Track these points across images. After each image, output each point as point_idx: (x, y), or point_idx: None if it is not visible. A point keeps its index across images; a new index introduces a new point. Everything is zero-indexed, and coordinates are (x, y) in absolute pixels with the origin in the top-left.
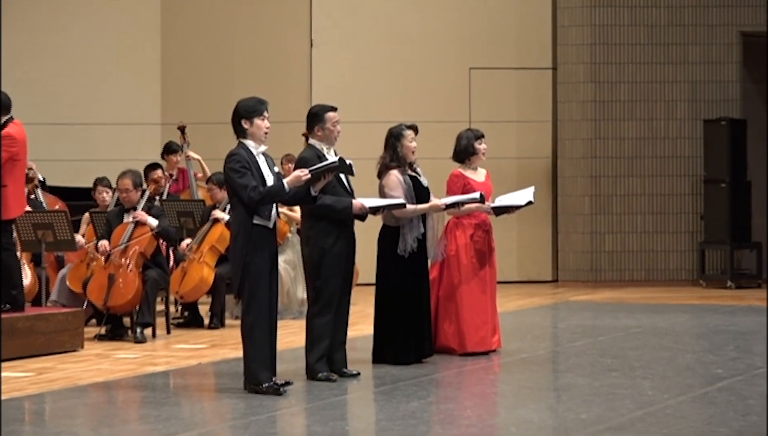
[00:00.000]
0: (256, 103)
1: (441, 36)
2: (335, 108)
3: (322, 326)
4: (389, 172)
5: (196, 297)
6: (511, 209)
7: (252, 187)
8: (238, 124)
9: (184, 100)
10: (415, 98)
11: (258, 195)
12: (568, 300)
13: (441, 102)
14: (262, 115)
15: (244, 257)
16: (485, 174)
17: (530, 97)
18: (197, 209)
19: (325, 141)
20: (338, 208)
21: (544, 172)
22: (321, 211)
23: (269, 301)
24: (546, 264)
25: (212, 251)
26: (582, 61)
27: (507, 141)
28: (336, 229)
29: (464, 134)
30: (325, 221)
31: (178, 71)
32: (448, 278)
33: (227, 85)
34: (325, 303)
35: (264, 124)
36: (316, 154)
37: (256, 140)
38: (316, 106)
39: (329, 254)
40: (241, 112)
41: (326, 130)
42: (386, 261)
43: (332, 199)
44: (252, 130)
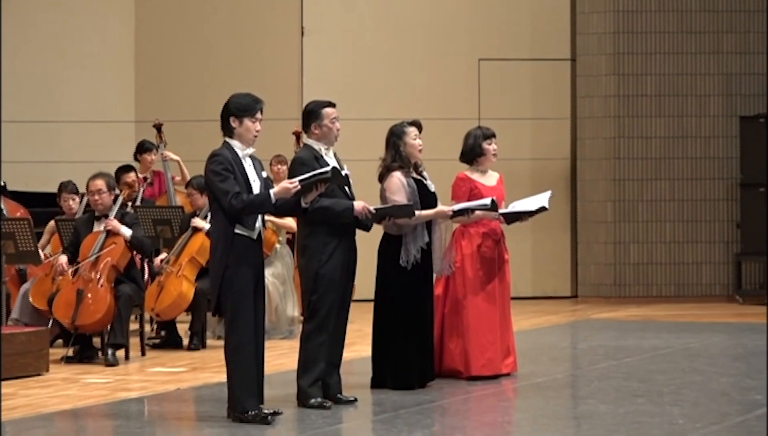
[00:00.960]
0: (250, 102)
1: (447, 23)
2: (333, 104)
3: (317, 346)
4: (391, 174)
5: (174, 315)
6: (522, 216)
7: (234, 193)
8: (226, 121)
9: (160, 95)
10: (418, 93)
11: (240, 203)
12: (589, 318)
13: (447, 97)
14: (254, 116)
15: (223, 270)
16: (497, 178)
17: (546, 92)
18: (175, 217)
19: (323, 140)
20: (337, 210)
21: (561, 175)
22: (318, 215)
23: (255, 319)
24: (564, 278)
25: (192, 263)
26: (604, 52)
27: (520, 141)
28: (335, 237)
29: (472, 133)
30: (324, 228)
31: (154, 62)
32: (454, 292)
33: (208, 79)
34: (321, 321)
35: (255, 126)
36: (313, 155)
37: (244, 142)
38: (312, 103)
39: (327, 265)
40: (231, 109)
41: (324, 128)
42: (387, 274)
43: (330, 200)
44: (240, 131)
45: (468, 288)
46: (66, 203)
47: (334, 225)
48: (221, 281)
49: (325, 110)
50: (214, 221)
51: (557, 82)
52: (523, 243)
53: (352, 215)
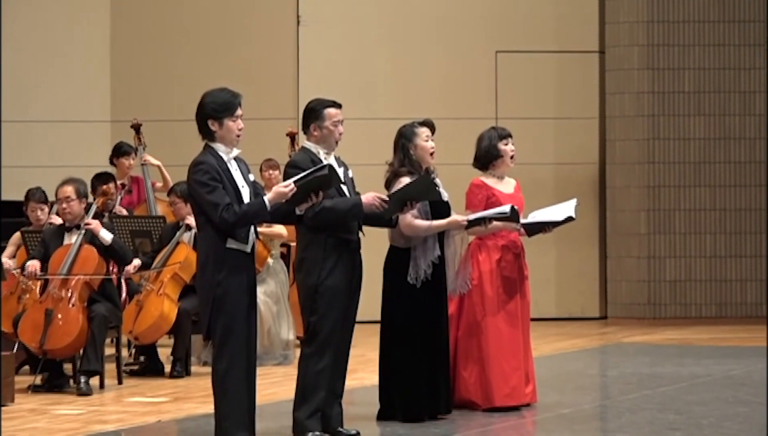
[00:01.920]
0: (227, 99)
1: (460, 11)
2: (339, 104)
3: (318, 373)
4: (399, 180)
5: (155, 338)
6: (546, 227)
7: (225, 205)
8: (204, 126)
9: (138, 92)
10: (428, 90)
11: (233, 216)
12: (620, 342)
13: (461, 94)
14: (234, 114)
15: (214, 288)
16: (515, 184)
17: (572, 88)
18: (155, 228)
19: (322, 144)
20: (343, 208)
21: (589, 181)
22: (322, 218)
23: (247, 343)
24: (592, 297)
25: (175, 280)
26: (636, 43)
27: (543, 143)
28: (337, 249)
29: (486, 134)
30: (324, 238)
31: (131, 55)
32: (470, 313)
33: (192, 74)
34: (322, 344)
35: (236, 125)
36: (310, 159)
37: (227, 144)
38: (315, 101)
39: (328, 280)
40: (207, 112)
41: (324, 130)
42: (393, 292)
43: (333, 200)
44: (221, 133)
45: (488, 308)
46: (33, 213)
47: (337, 233)
48: (212, 301)
49: (328, 111)
50: (201, 235)
51: (584, 77)
52: (545, 258)
53: (361, 211)
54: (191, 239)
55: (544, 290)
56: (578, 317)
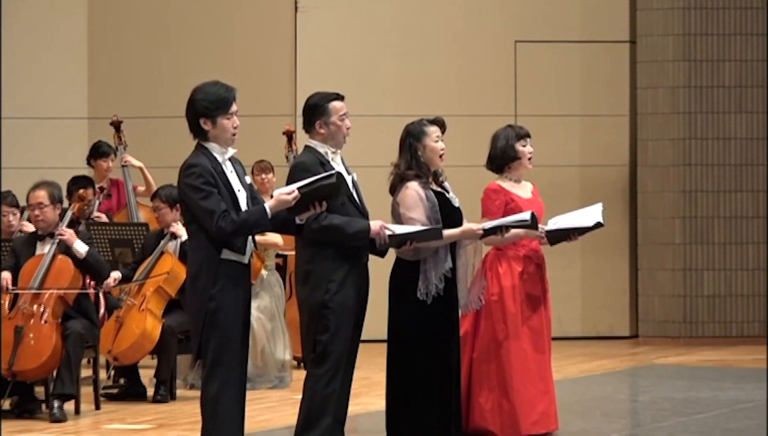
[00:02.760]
0: (220, 95)
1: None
2: (342, 96)
3: (327, 396)
4: (406, 185)
5: (137, 358)
6: (572, 234)
7: (221, 213)
8: (195, 125)
9: (119, 86)
10: (439, 83)
11: (231, 225)
12: (653, 363)
13: (475, 89)
14: (228, 111)
15: (207, 302)
16: (531, 188)
17: (599, 82)
18: (137, 236)
19: (330, 142)
20: (350, 231)
21: (618, 185)
22: (325, 235)
23: (240, 364)
24: (621, 313)
25: (158, 294)
26: (672, 32)
27: (567, 143)
28: (347, 260)
29: (501, 133)
30: (331, 250)
31: (111, 45)
32: (489, 332)
33: (178, 66)
34: (336, 364)
35: (231, 122)
36: (317, 159)
37: (222, 143)
38: (316, 95)
39: (339, 295)
40: (198, 110)
41: (331, 126)
42: (401, 309)
43: (342, 219)
44: (215, 133)
45: (511, 327)
46: (5, 218)
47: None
48: (204, 317)
49: (333, 104)
50: (193, 244)
51: (612, 69)
52: (570, 269)
53: (367, 238)
54: (177, 248)
55: (568, 305)
56: (606, 335)
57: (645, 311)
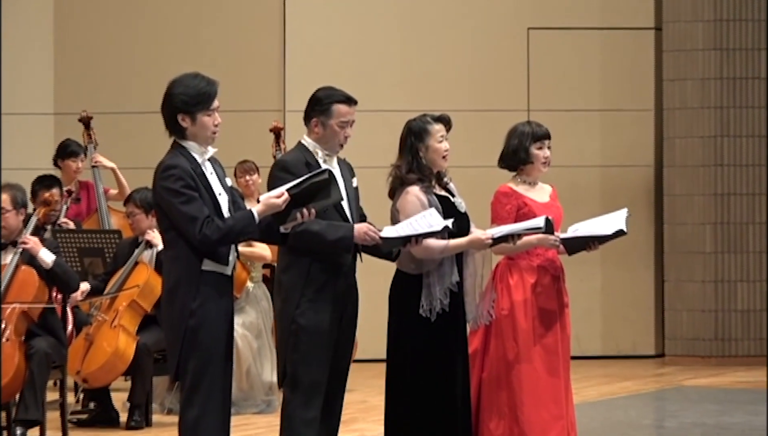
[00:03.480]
0: (199, 89)
1: None
2: (354, 100)
3: (306, 424)
4: (406, 190)
5: (108, 380)
6: (591, 243)
7: (204, 219)
8: (172, 121)
9: (88, 79)
10: (443, 76)
11: (217, 232)
12: (681, 385)
13: (483, 81)
14: (209, 106)
15: (186, 319)
16: (550, 192)
17: (621, 73)
18: (109, 244)
19: (323, 144)
20: (329, 238)
21: (642, 188)
22: (303, 241)
23: (223, 386)
24: (646, 329)
25: (132, 309)
26: (701, 18)
27: (586, 141)
28: (324, 272)
29: (518, 129)
30: (307, 259)
31: (80, 33)
32: (499, 350)
33: (154, 57)
34: (307, 390)
35: (212, 119)
36: (303, 159)
37: (201, 142)
38: (326, 90)
39: (310, 311)
40: (176, 105)
41: (328, 129)
42: (402, 326)
43: (321, 224)
44: (194, 130)
45: (522, 345)
46: None
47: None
48: (183, 335)
49: (338, 107)
50: (171, 254)
51: (636, 59)
52: (589, 281)
53: (350, 245)
54: (152, 258)
55: (587, 321)
56: (629, 354)
57: (672, 327)
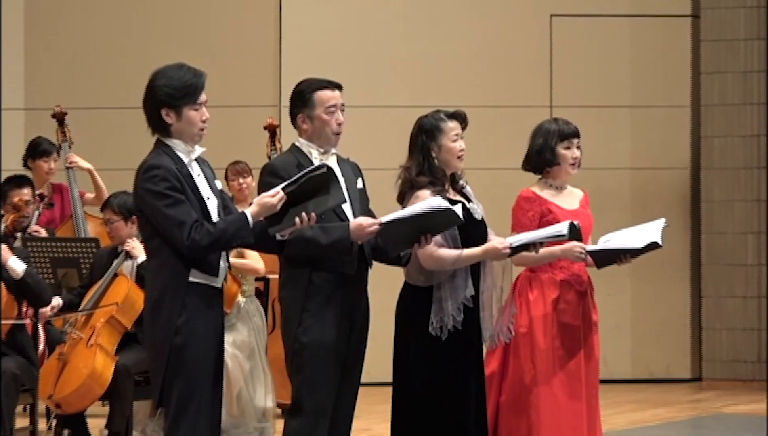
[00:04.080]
0: (185, 81)
1: None
2: (335, 84)
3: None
4: (416, 193)
5: (84, 405)
6: (622, 257)
7: (192, 223)
8: (156, 117)
9: (62, 71)
10: (456, 68)
11: (207, 237)
12: (719, 412)
13: (501, 74)
14: (196, 100)
15: (171, 337)
16: (581, 197)
17: (654, 65)
18: (85, 254)
19: (316, 139)
20: (324, 242)
21: (678, 193)
22: (296, 250)
23: (212, 412)
24: (681, 351)
25: (111, 326)
26: (743, 4)
27: (614, 140)
28: (328, 287)
29: (543, 127)
30: (308, 271)
31: (52, 21)
32: (516, 372)
33: (135, 47)
34: (312, 413)
35: (199, 114)
36: (295, 160)
37: (188, 140)
38: (303, 83)
39: (313, 329)
40: (160, 98)
41: (315, 121)
42: (409, 346)
43: (314, 228)
44: (180, 127)
45: (539, 367)
46: None
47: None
48: (168, 354)
49: (319, 94)
50: (154, 264)
51: (670, 50)
52: (619, 296)
53: (348, 245)
54: (133, 269)
55: (615, 340)
56: (662, 378)
57: (710, 347)
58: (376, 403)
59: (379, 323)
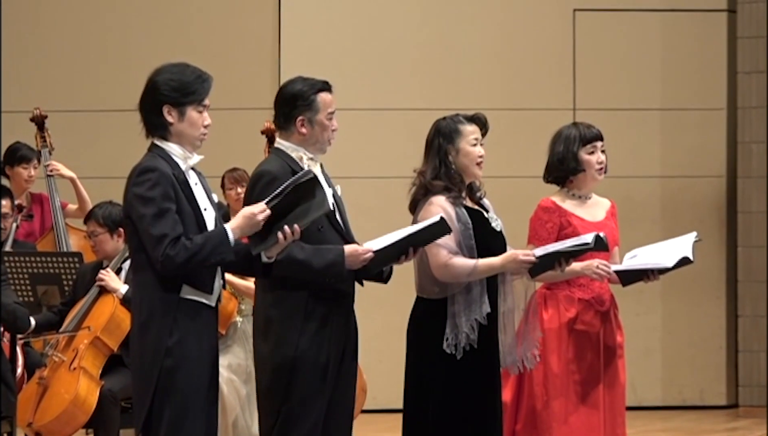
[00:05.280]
0: (190, 79)
1: None
2: (330, 86)
3: None
4: (429, 200)
5: (66, 433)
6: (650, 274)
7: (172, 239)
8: (156, 114)
9: (42, 72)
10: (473, 68)
11: (182, 253)
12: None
13: (522, 74)
14: (201, 101)
15: (159, 359)
16: (607, 208)
17: (686, 64)
18: (67, 270)
19: (310, 146)
20: (316, 266)
21: (712, 203)
22: (287, 271)
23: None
24: (716, 376)
25: (95, 347)
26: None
27: (643, 146)
28: (324, 306)
29: (562, 134)
30: (305, 292)
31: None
32: (530, 397)
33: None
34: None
35: (203, 118)
36: (288, 167)
37: (186, 144)
38: (299, 82)
39: (311, 350)
40: (163, 93)
41: (316, 126)
42: (422, 367)
43: (306, 250)
44: (180, 128)
45: (553, 393)
46: None
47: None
48: (158, 378)
49: (323, 97)
50: (140, 279)
51: (705, 47)
52: (647, 317)
53: (342, 270)
54: None
55: (644, 364)
56: (696, 405)
57: (747, 372)
58: (383, 431)
59: (387, 344)
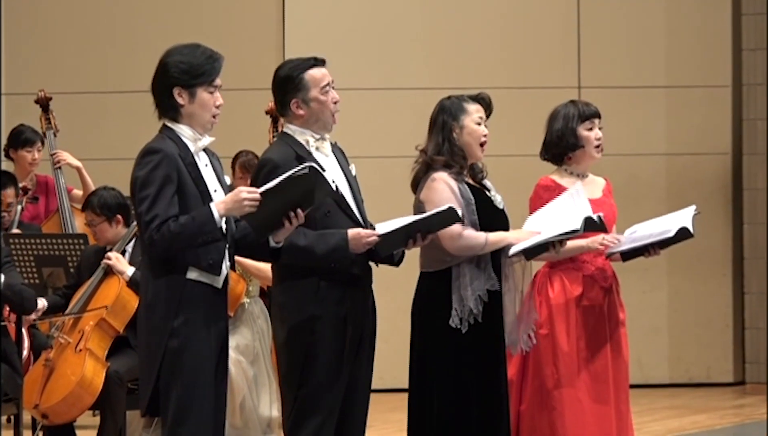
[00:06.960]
0: (202, 60)
1: None
2: (321, 60)
3: None
4: (432, 176)
5: (72, 415)
6: (651, 248)
7: (161, 221)
8: (166, 96)
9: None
10: (477, 47)
11: (167, 234)
12: (765, 419)
13: (525, 53)
14: (212, 81)
15: (166, 340)
16: (603, 186)
17: (691, 41)
18: (73, 252)
19: (312, 125)
20: (318, 252)
21: (718, 181)
22: (291, 258)
23: (213, 423)
24: (723, 353)
25: (101, 329)
26: None
27: (648, 123)
28: (339, 286)
29: (561, 111)
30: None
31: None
32: (537, 377)
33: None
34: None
35: (213, 99)
36: (293, 152)
37: (198, 126)
38: (287, 65)
39: (326, 336)
40: (174, 74)
41: (312, 104)
42: (427, 342)
43: (309, 236)
44: (191, 109)
45: (563, 372)
46: None
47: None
48: (162, 358)
49: (310, 74)
50: (146, 260)
51: (710, 24)
52: (653, 294)
53: (345, 255)
54: None
55: (651, 342)
56: (702, 382)
57: (754, 349)
58: (389, 411)
59: (392, 325)
